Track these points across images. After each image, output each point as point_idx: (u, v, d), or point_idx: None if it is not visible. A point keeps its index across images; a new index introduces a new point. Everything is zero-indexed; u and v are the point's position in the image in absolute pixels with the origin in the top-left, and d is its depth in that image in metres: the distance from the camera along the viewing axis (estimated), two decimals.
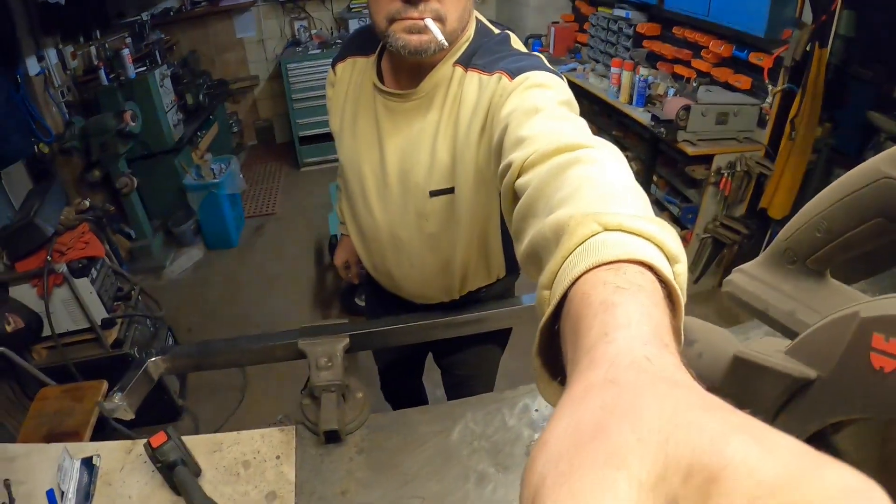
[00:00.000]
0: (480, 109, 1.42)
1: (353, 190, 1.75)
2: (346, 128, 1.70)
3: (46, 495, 1.55)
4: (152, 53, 5.91)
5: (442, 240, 1.69)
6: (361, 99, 1.64)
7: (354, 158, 1.69)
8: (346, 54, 1.71)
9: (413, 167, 1.58)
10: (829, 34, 3.36)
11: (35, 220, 3.09)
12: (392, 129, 1.58)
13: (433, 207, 1.61)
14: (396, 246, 1.75)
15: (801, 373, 0.60)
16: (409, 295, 1.93)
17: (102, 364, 3.32)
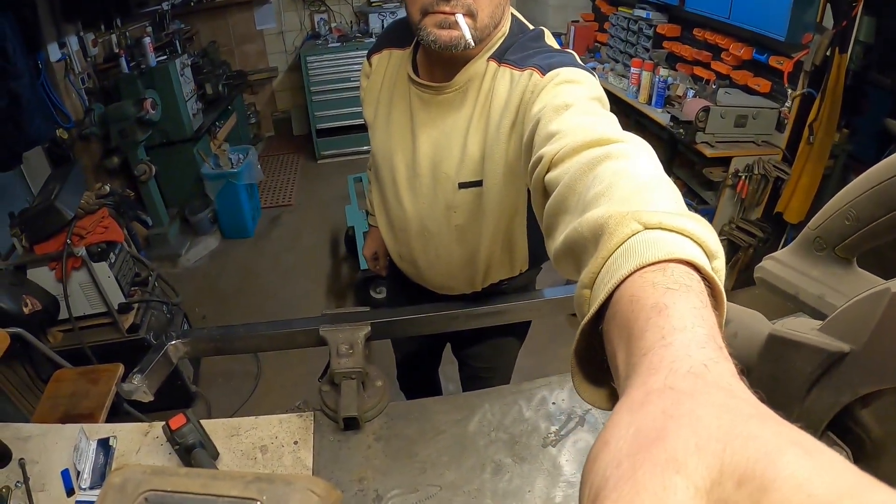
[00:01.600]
0: (512, 104, 1.42)
1: (385, 179, 1.77)
2: (380, 118, 1.72)
3: (61, 475, 1.57)
4: (172, 43, 5.94)
5: (468, 232, 1.71)
6: (396, 90, 1.66)
7: (387, 148, 1.71)
8: (382, 46, 1.73)
9: (444, 159, 1.60)
10: (850, 40, 3.35)
11: (55, 203, 3.11)
12: (426, 121, 1.60)
13: (461, 199, 1.63)
14: (424, 236, 1.77)
15: (836, 346, 0.61)
16: (433, 285, 1.95)
17: (118, 348, 3.34)
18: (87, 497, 1.51)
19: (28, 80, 3.54)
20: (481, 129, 1.52)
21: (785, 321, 0.72)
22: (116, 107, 4.68)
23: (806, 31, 3.55)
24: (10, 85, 3.41)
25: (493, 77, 1.48)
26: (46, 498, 1.51)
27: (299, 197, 6.61)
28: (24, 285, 3.06)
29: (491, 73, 1.49)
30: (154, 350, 1.73)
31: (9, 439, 1.63)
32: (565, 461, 1.54)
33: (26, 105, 3.52)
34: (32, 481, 1.55)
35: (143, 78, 4.95)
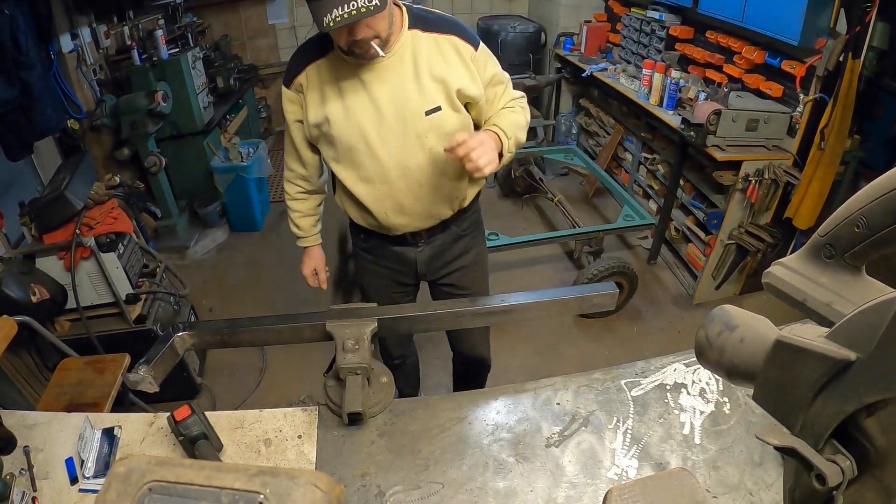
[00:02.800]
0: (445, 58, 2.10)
1: (357, 149, 2.15)
2: (333, 107, 2.11)
3: (65, 463, 1.57)
4: (185, 36, 5.96)
5: (439, 153, 2.13)
6: (342, 80, 2.09)
7: (352, 122, 2.11)
8: (300, 69, 2.15)
9: (407, 99, 2.08)
10: (863, 45, 3.33)
11: (65, 193, 3.12)
12: (379, 82, 2.07)
13: (429, 125, 2.11)
14: (405, 174, 2.19)
15: (842, 354, 0.61)
16: (419, 221, 2.35)
17: (124, 338, 3.36)
18: (90, 486, 1.52)
19: (40, 70, 3.55)
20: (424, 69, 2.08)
21: (792, 327, 0.72)
22: (128, 98, 4.70)
23: (819, 36, 3.54)
24: (23, 75, 3.43)
25: (415, 40, 2.08)
26: (50, 486, 1.52)
27: None
28: (32, 274, 3.07)
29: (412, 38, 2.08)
30: (160, 341, 1.74)
31: (14, 426, 1.64)
32: (568, 462, 1.54)
33: (38, 95, 3.53)
34: (36, 469, 1.56)
35: (155, 70, 4.97)
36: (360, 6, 1.75)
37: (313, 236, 2.69)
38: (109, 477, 0.82)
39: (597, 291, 1.90)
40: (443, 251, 2.51)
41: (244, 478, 0.80)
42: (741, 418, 1.64)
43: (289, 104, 2.24)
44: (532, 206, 6.02)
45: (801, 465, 0.67)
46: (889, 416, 0.61)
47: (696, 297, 4.56)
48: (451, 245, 2.52)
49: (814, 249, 0.83)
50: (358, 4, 1.74)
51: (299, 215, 2.59)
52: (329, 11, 1.74)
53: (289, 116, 2.28)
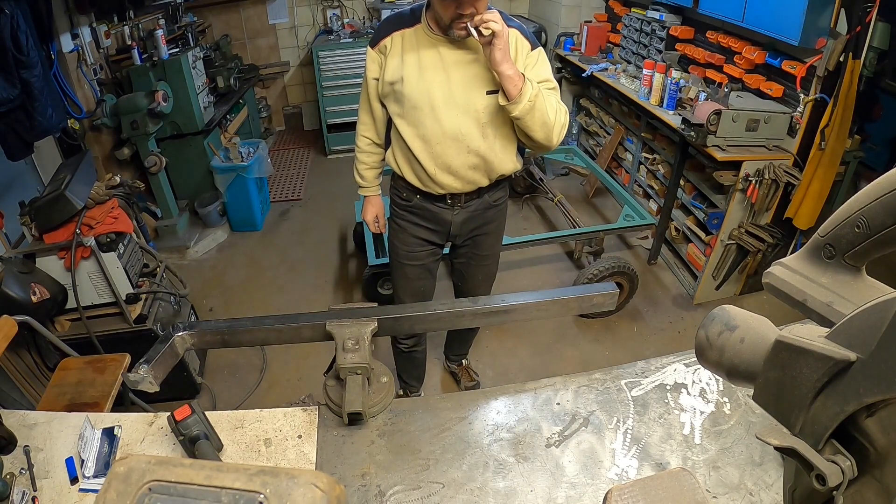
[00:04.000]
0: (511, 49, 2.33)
1: (422, 110, 2.43)
2: (410, 70, 2.41)
3: (66, 463, 1.57)
4: (185, 36, 5.97)
5: (489, 129, 2.46)
6: (422, 49, 2.40)
7: (422, 85, 2.40)
8: (387, 33, 2.47)
9: (474, 75, 2.38)
10: (863, 45, 3.33)
11: (65, 192, 3.11)
12: (455, 58, 2.38)
13: (487, 102, 2.40)
14: (458, 139, 2.45)
15: (842, 355, 0.61)
16: (462, 184, 2.60)
17: (125, 338, 3.36)
18: (90, 485, 1.52)
19: (41, 70, 3.55)
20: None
21: (792, 328, 0.72)
22: (128, 98, 4.70)
23: (820, 36, 3.54)
24: (23, 75, 3.43)
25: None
26: (50, 485, 1.52)
27: (308, 191, 6.63)
28: (32, 274, 3.07)
29: None
30: (161, 341, 1.74)
31: (14, 426, 1.64)
32: (568, 462, 1.54)
33: (38, 95, 3.54)
34: (37, 468, 1.56)
35: (156, 70, 4.98)
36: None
37: (375, 186, 2.97)
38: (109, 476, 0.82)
39: (597, 291, 1.90)
40: (475, 216, 2.77)
41: (244, 478, 0.80)
42: (741, 418, 1.65)
43: (370, 63, 2.55)
44: (532, 206, 6.03)
45: (801, 465, 0.67)
46: (889, 417, 0.61)
47: (696, 297, 4.56)
48: (483, 212, 2.78)
49: (814, 249, 0.84)
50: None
51: (366, 167, 2.88)
52: None
53: (368, 74, 2.57)
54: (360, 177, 2.92)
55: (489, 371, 3.95)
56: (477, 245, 2.93)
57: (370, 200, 3.01)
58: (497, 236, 3.00)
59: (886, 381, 0.57)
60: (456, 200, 2.69)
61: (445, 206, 2.71)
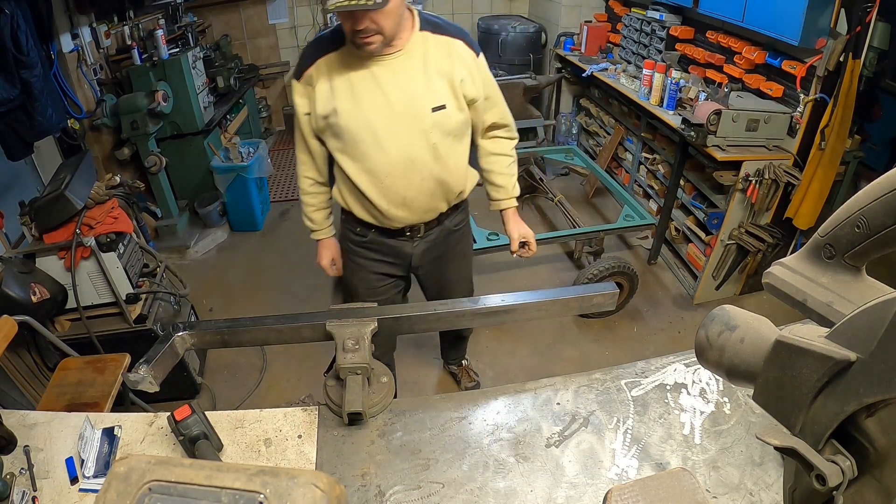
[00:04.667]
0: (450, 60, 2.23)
1: (364, 141, 2.23)
2: (343, 99, 2.19)
3: (66, 463, 1.57)
4: (185, 36, 5.97)
5: (441, 148, 2.29)
6: (353, 73, 2.18)
7: (360, 114, 2.19)
8: (312, 61, 2.24)
9: (415, 93, 2.19)
10: (863, 45, 3.33)
11: (65, 192, 3.12)
12: (391, 77, 2.17)
13: (434, 120, 2.22)
14: (409, 167, 2.28)
15: (842, 355, 0.61)
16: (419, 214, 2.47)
17: (125, 338, 3.36)
18: (90, 485, 1.52)
19: (41, 70, 3.55)
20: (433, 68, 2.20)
21: (792, 328, 0.72)
22: (128, 98, 4.71)
23: (820, 36, 3.54)
24: (23, 75, 3.44)
25: (425, 41, 2.21)
26: (50, 485, 1.52)
27: None
28: (32, 274, 3.07)
29: (423, 39, 2.21)
30: (161, 341, 1.74)
31: (14, 426, 1.64)
32: (568, 462, 1.53)
33: (38, 95, 3.54)
34: (37, 468, 1.55)
35: (156, 70, 4.98)
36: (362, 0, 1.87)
37: (327, 228, 2.74)
38: (109, 476, 0.82)
39: (597, 291, 1.89)
40: (436, 245, 2.64)
41: (244, 478, 0.80)
42: (741, 418, 1.64)
43: (298, 97, 2.31)
44: (532, 206, 6.03)
45: (801, 465, 0.67)
46: (889, 417, 0.61)
47: (696, 297, 4.57)
48: (445, 239, 2.66)
49: (814, 249, 0.84)
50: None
51: (313, 208, 2.65)
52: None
53: (298, 109, 2.34)
54: (309, 220, 2.71)
55: (489, 371, 3.95)
56: (443, 272, 2.83)
57: (324, 244, 2.79)
58: (464, 260, 2.93)
59: (886, 381, 0.57)
60: (415, 232, 2.55)
61: (404, 238, 2.57)
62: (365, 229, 2.57)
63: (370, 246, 2.62)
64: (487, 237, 4.22)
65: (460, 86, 2.25)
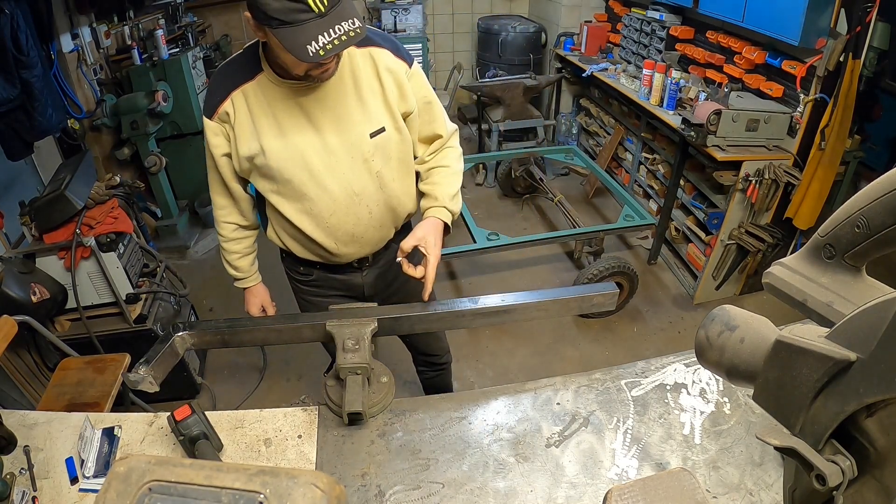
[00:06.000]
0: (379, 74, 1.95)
1: (300, 180, 1.97)
2: (268, 137, 1.91)
3: (66, 463, 1.57)
4: (185, 35, 5.95)
5: (385, 174, 2.05)
6: (276, 106, 1.89)
7: (293, 152, 1.92)
8: (224, 95, 1.92)
9: (351, 122, 1.93)
10: (863, 45, 3.33)
11: (65, 192, 3.12)
12: (320, 106, 1.89)
13: (374, 146, 1.97)
14: (354, 202, 2.04)
15: (842, 355, 0.62)
16: (370, 247, 2.24)
17: (125, 338, 3.36)
18: (90, 485, 1.52)
19: (41, 70, 3.55)
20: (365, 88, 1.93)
21: (792, 328, 0.73)
22: (128, 98, 4.71)
23: (820, 36, 3.54)
24: (23, 75, 3.43)
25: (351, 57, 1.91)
26: (50, 485, 1.52)
27: None
28: (32, 274, 3.07)
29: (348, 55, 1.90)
30: (161, 341, 1.74)
31: (14, 426, 1.64)
32: (568, 462, 1.54)
33: (38, 95, 3.54)
34: (37, 468, 1.56)
35: (155, 70, 4.98)
36: (347, 31, 1.59)
37: (254, 275, 2.49)
38: (109, 476, 0.82)
39: (597, 291, 1.90)
40: (387, 269, 2.39)
41: (244, 478, 0.80)
42: (741, 418, 1.65)
43: (213, 137, 2.02)
44: (532, 206, 6.03)
45: (802, 465, 0.67)
46: (889, 417, 0.61)
47: (696, 297, 4.57)
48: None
49: (814, 249, 0.84)
50: (345, 29, 1.59)
51: (237, 256, 2.39)
52: (314, 38, 1.55)
53: (214, 151, 2.05)
54: (234, 268, 2.42)
55: (489, 371, 3.95)
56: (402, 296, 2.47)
57: (252, 291, 2.50)
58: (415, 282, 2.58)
59: (886, 381, 0.57)
60: (363, 262, 2.31)
61: (353, 269, 2.33)
62: (309, 268, 2.36)
63: (317, 283, 2.39)
64: (487, 237, 4.22)
65: (395, 102, 1.99)
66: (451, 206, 2.08)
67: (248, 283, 2.47)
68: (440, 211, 2.06)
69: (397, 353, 3.31)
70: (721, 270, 4.34)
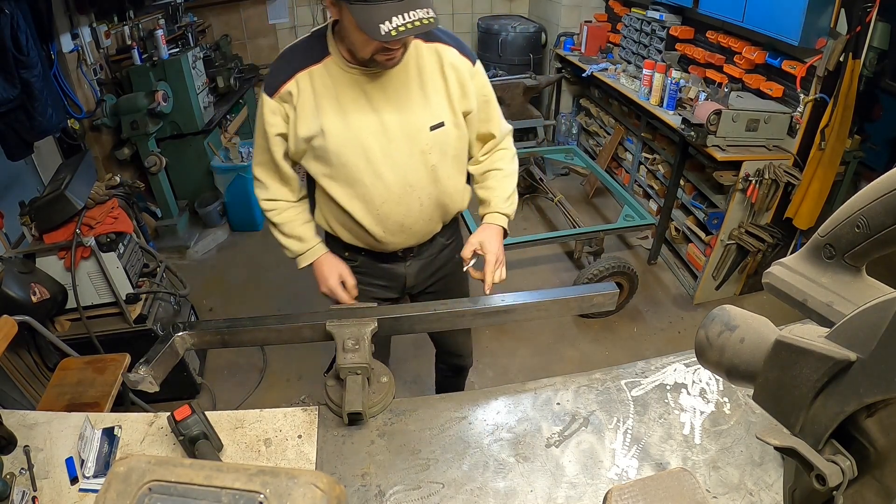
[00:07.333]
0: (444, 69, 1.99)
1: (356, 166, 1.99)
2: (332, 120, 1.94)
3: (66, 463, 1.57)
4: (185, 35, 5.96)
5: (439, 168, 2.08)
6: (341, 90, 1.93)
7: (353, 137, 1.95)
8: (289, 76, 1.94)
9: (412, 112, 1.97)
10: (863, 45, 3.33)
11: (65, 192, 3.12)
12: (384, 94, 1.94)
13: (433, 140, 2.01)
14: (407, 192, 2.06)
15: (842, 355, 0.62)
16: (417, 238, 2.26)
17: (125, 338, 3.36)
18: (90, 485, 1.52)
19: (41, 70, 3.55)
20: (429, 85, 1.98)
21: (792, 328, 0.73)
22: (128, 98, 4.70)
23: (820, 36, 3.54)
24: (23, 75, 3.43)
25: (418, 51, 1.95)
26: (50, 485, 1.52)
27: None
28: (32, 273, 3.07)
29: (415, 48, 1.94)
30: (161, 341, 1.74)
31: (14, 426, 1.64)
32: (568, 462, 1.54)
33: (38, 95, 3.54)
34: (37, 468, 1.55)
35: (156, 70, 4.97)
36: (420, 18, 1.64)
37: (321, 243, 2.30)
38: (109, 476, 0.82)
39: (597, 291, 1.90)
40: (430, 262, 2.39)
41: (244, 478, 0.80)
42: (741, 418, 1.65)
43: (270, 115, 1.99)
44: (532, 206, 6.03)
45: (802, 465, 0.67)
46: (889, 417, 0.61)
47: (696, 297, 4.57)
48: (438, 255, 2.40)
49: (814, 249, 0.84)
50: (419, 15, 1.63)
51: (299, 223, 2.27)
52: (388, 19, 1.60)
53: (269, 129, 2.02)
54: (296, 238, 2.26)
55: (489, 371, 3.95)
56: (440, 290, 2.51)
57: (323, 261, 2.27)
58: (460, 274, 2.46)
59: (886, 381, 0.57)
60: (408, 252, 2.30)
61: (397, 259, 2.32)
62: (354, 253, 2.31)
63: (360, 270, 2.32)
64: None
65: (457, 100, 2.02)
66: (506, 209, 2.23)
67: (319, 252, 2.27)
68: (496, 217, 2.22)
69: (398, 353, 3.31)
70: (721, 270, 4.34)
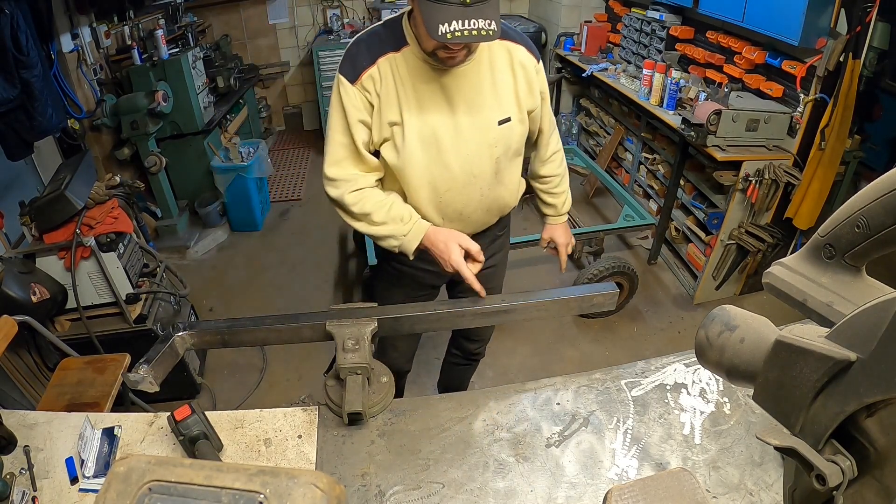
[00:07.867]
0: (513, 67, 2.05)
1: (427, 154, 2.01)
2: (410, 109, 1.96)
3: (66, 463, 1.57)
4: (185, 36, 5.97)
5: (502, 161, 2.12)
6: (417, 79, 1.95)
7: (426, 127, 1.98)
8: (370, 62, 1.95)
9: (484, 106, 2.01)
10: (863, 45, 3.32)
11: (65, 192, 3.11)
12: (458, 86, 1.97)
13: (500, 134, 2.05)
14: (470, 182, 2.10)
15: (842, 355, 0.62)
16: (472, 228, 2.27)
17: (125, 338, 3.36)
18: (90, 485, 1.52)
19: (41, 70, 3.55)
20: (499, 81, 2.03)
21: (792, 328, 0.73)
22: (128, 98, 4.71)
23: (820, 36, 3.53)
24: (23, 75, 3.43)
25: (491, 47, 2.00)
26: (50, 485, 1.52)
27: (308, 191, 6.63)
28: (32, 274, 3.07)
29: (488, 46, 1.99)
30: (161, 341, 1.74)
31: (14, 426, 1.64)
32: (568, 462, 1.54)
33: (38, 95, 3.53)
34: (37, 468, 1.56)
35: (156, 70, 4.97)
36: (480, 28, 1.65)
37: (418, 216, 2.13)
38: (109, 476, 0.82)
39: (597, 291, 1.90)
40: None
41: (244, 478, 0.80)
42: (741, 418, 1.65)
43: (352, 101, 1.96)
44: (532, 206, 6.01)
45: (802, 465, 0.67)
46: (889, 417, 0.61)
47: (696, 297, 4.56)
48: (488, 247, 2.30)
49: (814, 249, 0.84)
50: (479, 25, 1.65)
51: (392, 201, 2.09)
52: (449, 21, 1.63)
53: (350, 116, 1.96)
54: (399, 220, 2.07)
55: (489, 371, 3.94)
56: (490, 281, 2.47)
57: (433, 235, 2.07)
58: (502, 268, 2.66)
59: (886, 381, 0.57)
60: None
61: None
62: None
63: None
64: None
65: (524, 97, 2.08)
66: (566, 208, 2.68)
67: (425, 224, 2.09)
68: (559, 219, 2.68)
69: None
70: (721, 270, 4.34)
